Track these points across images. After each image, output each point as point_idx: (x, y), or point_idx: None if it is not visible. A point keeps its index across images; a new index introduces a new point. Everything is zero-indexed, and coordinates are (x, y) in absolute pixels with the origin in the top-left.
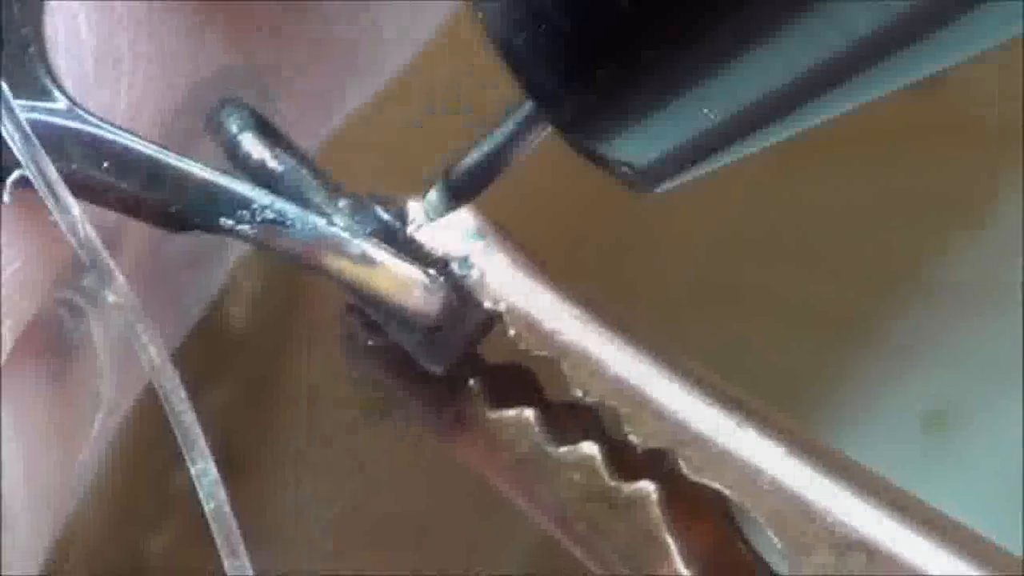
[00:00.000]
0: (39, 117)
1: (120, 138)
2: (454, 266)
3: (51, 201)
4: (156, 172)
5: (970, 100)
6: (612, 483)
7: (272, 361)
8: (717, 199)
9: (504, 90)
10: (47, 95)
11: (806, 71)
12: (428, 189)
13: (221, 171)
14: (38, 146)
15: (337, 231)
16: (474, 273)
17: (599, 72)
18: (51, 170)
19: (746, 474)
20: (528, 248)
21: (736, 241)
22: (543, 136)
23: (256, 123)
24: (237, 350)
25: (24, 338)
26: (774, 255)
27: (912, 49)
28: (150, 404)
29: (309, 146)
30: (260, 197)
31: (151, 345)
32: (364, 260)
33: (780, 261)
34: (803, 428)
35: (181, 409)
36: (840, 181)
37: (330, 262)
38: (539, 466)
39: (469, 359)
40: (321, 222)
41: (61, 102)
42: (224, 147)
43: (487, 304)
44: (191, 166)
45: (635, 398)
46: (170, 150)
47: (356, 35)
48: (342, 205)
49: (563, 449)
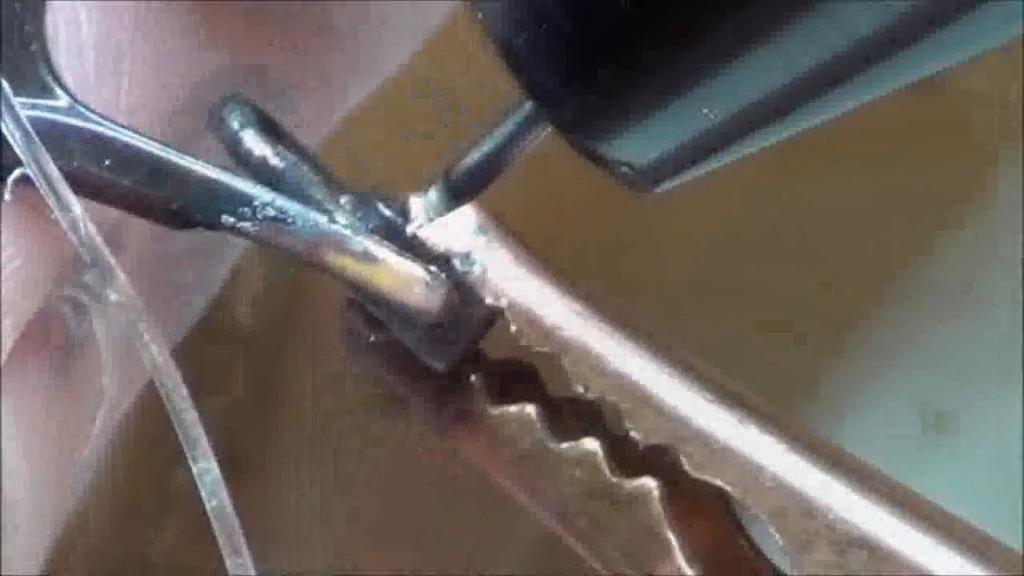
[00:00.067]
0: (40, 115)
1: (121, 135)
2: (456, 262)
3: (52, 200)
4: (157, 169)
5: (968, 100)
6: (614, 479)
7: (275, 360)
8: (717, 199)
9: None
10: (48, 93)
11: (807, 71)
12: (429, 187)
13: (223, 168)
14: (39, 144)
15: (338, 228)
16: (476, 269)
17: (599, 72)
18: (52, 168)
19: (747, 471)
20: (530, 244)
21: (736, 241)
22: (543, 136)
23: (258, 120)
24: (240, 349)
25: (26, 336)
26: (774, 255)
27: (912, 49)
28: (152, 401)
29: (310, 143)
30: (262, 194)
31: (153, 343)
32: (365, 257)
33: (780, 261)
34: (804, 425)
35: (183, 408)
36: (840, 181)
37: (332, 259)
38: (541, 462)
39: (471, 355)
40: (323, 219)
41: (62, 100)
42: (226, 144)
43: (489, 300)
44: (193, 163)
45: (636, 394)
46: (171, 147)
47: (357, 32)
48: (344, 202)
49: (565, 445)
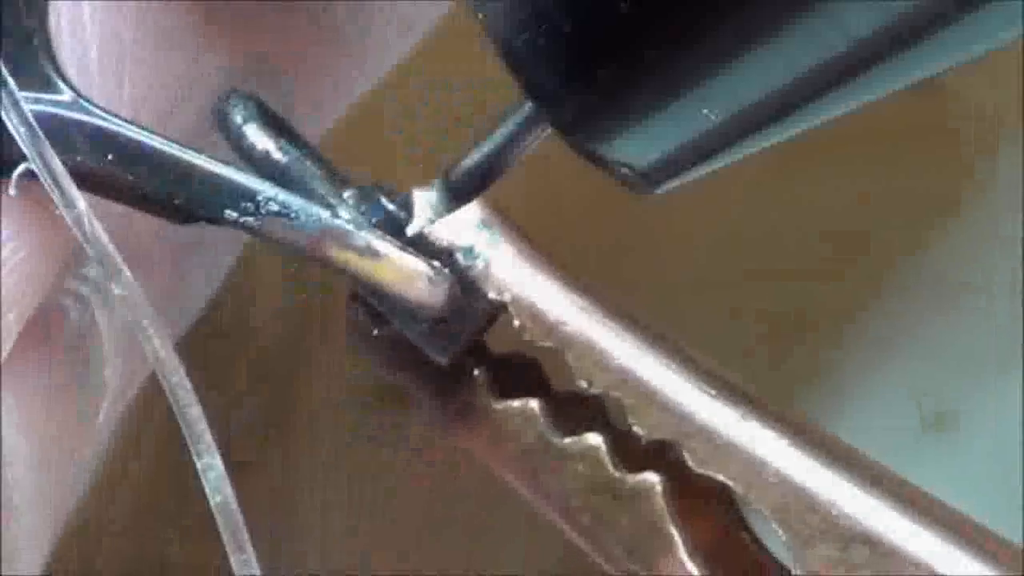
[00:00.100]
0: (44, 109)
1: (125, 130)
2: (459, 257)
3: (56, 195)
4: (161, 164)
5: (967, 99)
6: (617, 474)
7: (278, 355)
8: (717, 200)
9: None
10: (52, 87)
11: (807, 72)
12: (430, 185)
13: (226, 162)
14: (43, 139)
15: (342, 223)
16: (479, 264)
17: (599, 73)
18: (56, 163)
19: (750, 466)
20: (534, 239)
21: (736, 242)
22: (543, 137)
23: (261, 114)
24: (243, 344)
25: (29, 329)
26: (774, 255)
27: (912, 50)
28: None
29: (312, 137)
30: (265, 189)
31: (156, 338)
32: (368, 252)
33: (780, 261)
34: (808, 420)
35: (186, 403)
36: (840, 182)
37: (335, 254)
38: (544, 457)
39: (474, 350)
40: (326, 214)
41: (66, 94)
42: (229, 138)
43: (492, 295)
44: (196, 158)
45: (640, 389)
46: (175, 142)
47: (359, 27)
48: (347, 196)
49: (568, 440)
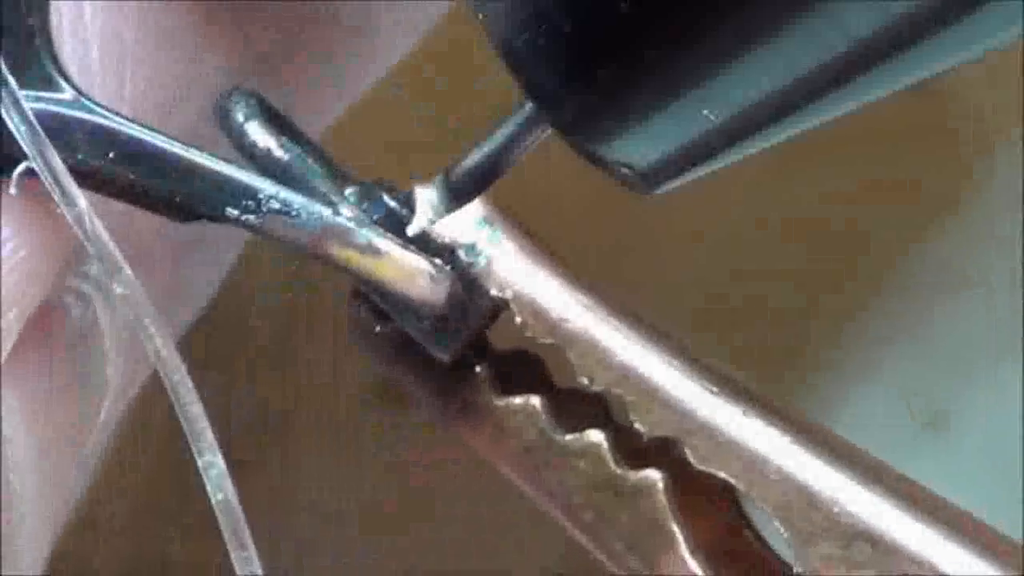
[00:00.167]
0: (45, 107)
1: (126, 128)
2: (461, 254)
3: (57, 193)
4: (162, 162)
5: (965, 99)
6: (618, 471)
7: (279, 352)
8: (717, 200)
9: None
10: (53, 86)
11: (807, 72)
12: (431, 183)
13: (227, 160)
14: (44, 137)
15: (343, 220)
16: (481, 261)
17: (600, 73)
18: (57, 161)
19: (752, 463)
20: (536, 235)
21: (736, 242)
22: (543, 137)
23: (263, 111)
24: (245, 342)
25: (30, 327)
26: (774, 255)
27: (912, 51)
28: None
29: (313, 134)
30: (266, 187)
31: (157, 336)
32: (370, 250)
33: (779, 261)
34: (809, 418)
35: (187, 401)
36: (841, 182)
37: (336, 252)
38: (546, 454)
39: (476, 347)
40: (327, 211)
41: (67, 92)
42: (230, 136)
43: (494, 292)
44: (197, 156)
45: (642, 387)
46: (176, 140)
47: (360, 24)
48: (349, 194)
49: (569, 437)
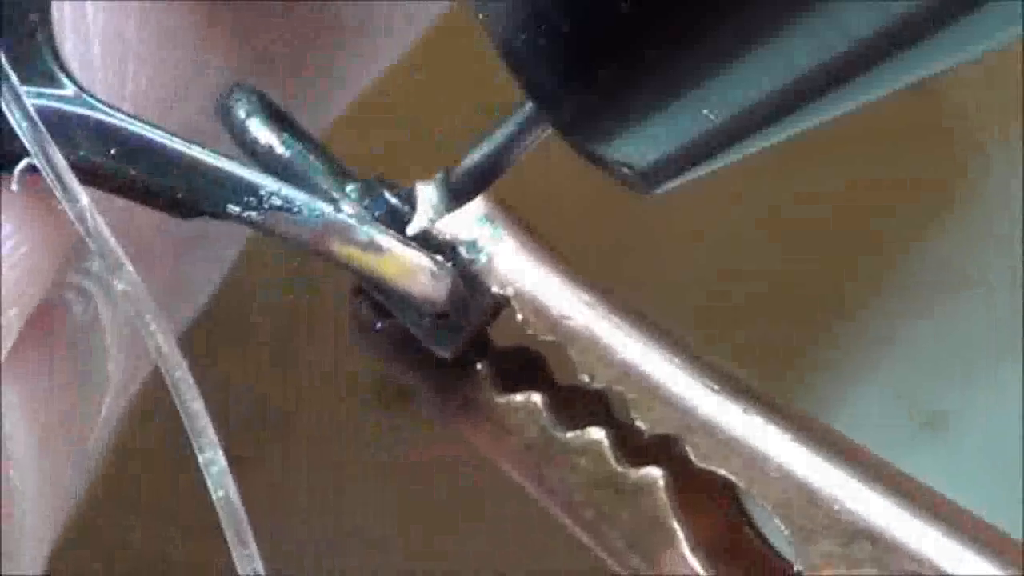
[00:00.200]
0: (47, 104)
1: (128, 124)
2: (462, 251)
3: (59, 190)
4: (163, 158)
5: (963, 98)
6: (619, 469)
7: (280, 352)
8: (717, 199)
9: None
10: (55, 82)
11: (806, 72)
12: (433, 180)
13: (229, 157)
14: (46, 134)
15: (344, 217)
16: (482, 258)
17: (599, 73)
18: (59, 158)
19: (753, 461)
20: (538, 232)
21: (736, 242)
22: (543, 137)
23: (264, 108)
24: (246, 338)
25: (32, 323)
26: (773, 255)
27: (912, 51)
28: (165, 396)
29: (314, 131)
30: (268, 183)
31: (158, 333)
32: (371, 247)
33: (778, 260)
34: (810, 415)
35: (188, 397)
36: (838, 181)
37: (337, 249)
38: (547, 451)
39: (477, 344)
40: (328, 208)
41: (69, 89)
42: (232, 132)
43: (495, 289)
44: (199, 152)
45: (643, 384)
46: (177, 136)
47: (361, 22)
48: (350, 190)
49: (571, 434)
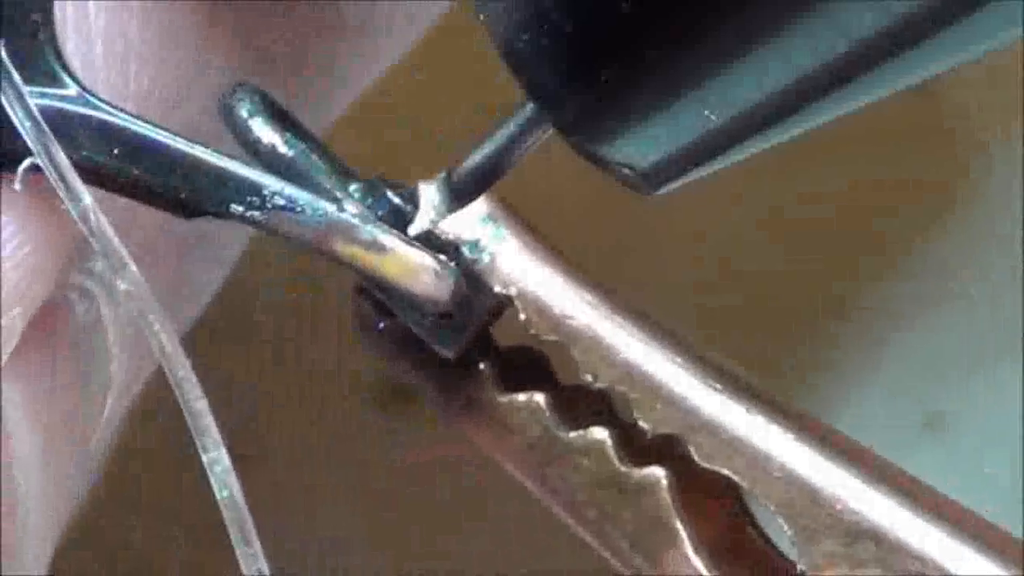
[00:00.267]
0: (49, 103)
1: (130, 124)
2: (465, 250)
3: (62, 189)
4: (166, 158)
5: (963, 97)
6: (622, 469)
7: (281, 351)
8: (718, 200)
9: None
10: (58, 81)
11: (808, 73)
12: (435, 179)
13: (232, 157)
14: (49, 133)
15: (347, 217)
16: (485, 257)
17: (601, 74)
18: (62, 157)
19: (756, 461)
20: (540, 232)
21: (737, 243)
22: (545, 138)
23: (267, 108)
24: (249, 338)
25: (35, 323)
26: (774, 255)
27: (913, 51)
28: (165, 397)
29: (316, 131)
30: (271, 183)
31: (162, 333)
32: (374, 246)
33: (779, 261)
34: (813, 415)
35: (193, 397)
36: (839, 181)
37: (341, 248)
38: (549, 451)
39: (480, 343)
40: (331, 208)
41: (71, 88)
42: (235, 132)
43: (498, 288)
44: (201, 152)
45: (646, 384)
46: (180, 136)
47: (362, 21)
48: (353, 190)
49: (573, 434)
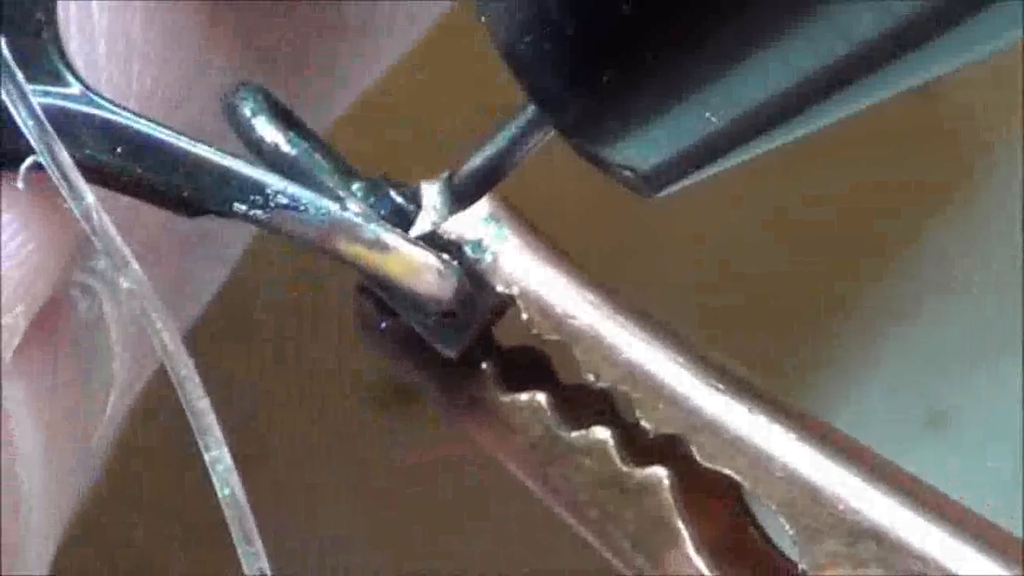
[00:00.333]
0: (52, 102)
1: (133, 123)
2: (467, 250)
3: (64, 188)
4: (169, 157)
5: (963, 101)
6: (624, 468)
7: (282, 350)
8: (719, 202)
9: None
10: (60, 80)
11: (809, 75)
12: (438, 179)
13: (235, 155)
14: (51, 132)
15: (350, 216)
16: (487, 257)
17: (602, 76)
18: (64, 156)
19: (758, 460)
20: (542, 232)
21: (738, 244)
22: (546, 140)
23: (270, 107)
24: (250, 337)
25: (37, 321)
26: (775, 255)
27: (914, 53)
28: (166, 396)
29: (318, 130)
30: (274, 182)
31: (164, 331)
32: (377, 245)
33: (780, 261)
34: (815, 415)
35: (195, 395)
36: (841, 182)
37: (343, 247)
38: (551, 450)
39: (482, 343)
40: (334, 207)
41: (74, 87)
42: (238, 131)
43: (500, 288)
44: (204, 151)
45: (648, 383)
46: (183, 135)
47: (364, 21)
48: (356, 189)
49: (575, 434)
